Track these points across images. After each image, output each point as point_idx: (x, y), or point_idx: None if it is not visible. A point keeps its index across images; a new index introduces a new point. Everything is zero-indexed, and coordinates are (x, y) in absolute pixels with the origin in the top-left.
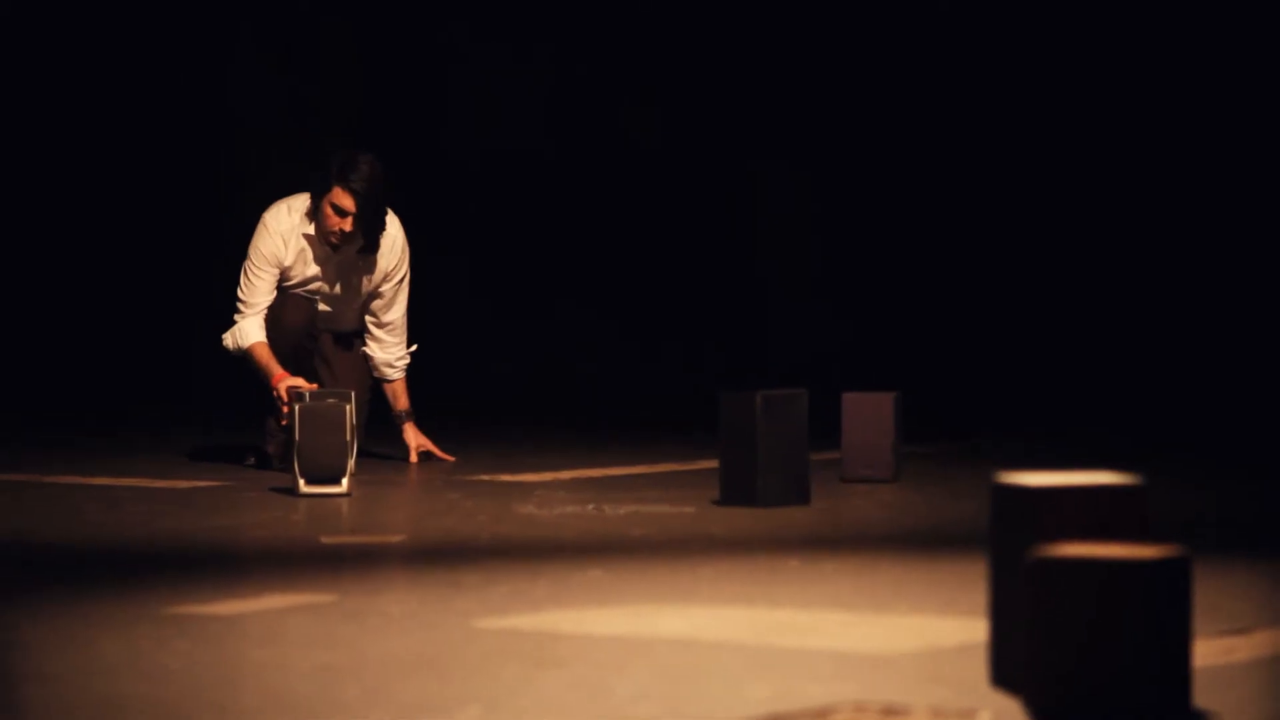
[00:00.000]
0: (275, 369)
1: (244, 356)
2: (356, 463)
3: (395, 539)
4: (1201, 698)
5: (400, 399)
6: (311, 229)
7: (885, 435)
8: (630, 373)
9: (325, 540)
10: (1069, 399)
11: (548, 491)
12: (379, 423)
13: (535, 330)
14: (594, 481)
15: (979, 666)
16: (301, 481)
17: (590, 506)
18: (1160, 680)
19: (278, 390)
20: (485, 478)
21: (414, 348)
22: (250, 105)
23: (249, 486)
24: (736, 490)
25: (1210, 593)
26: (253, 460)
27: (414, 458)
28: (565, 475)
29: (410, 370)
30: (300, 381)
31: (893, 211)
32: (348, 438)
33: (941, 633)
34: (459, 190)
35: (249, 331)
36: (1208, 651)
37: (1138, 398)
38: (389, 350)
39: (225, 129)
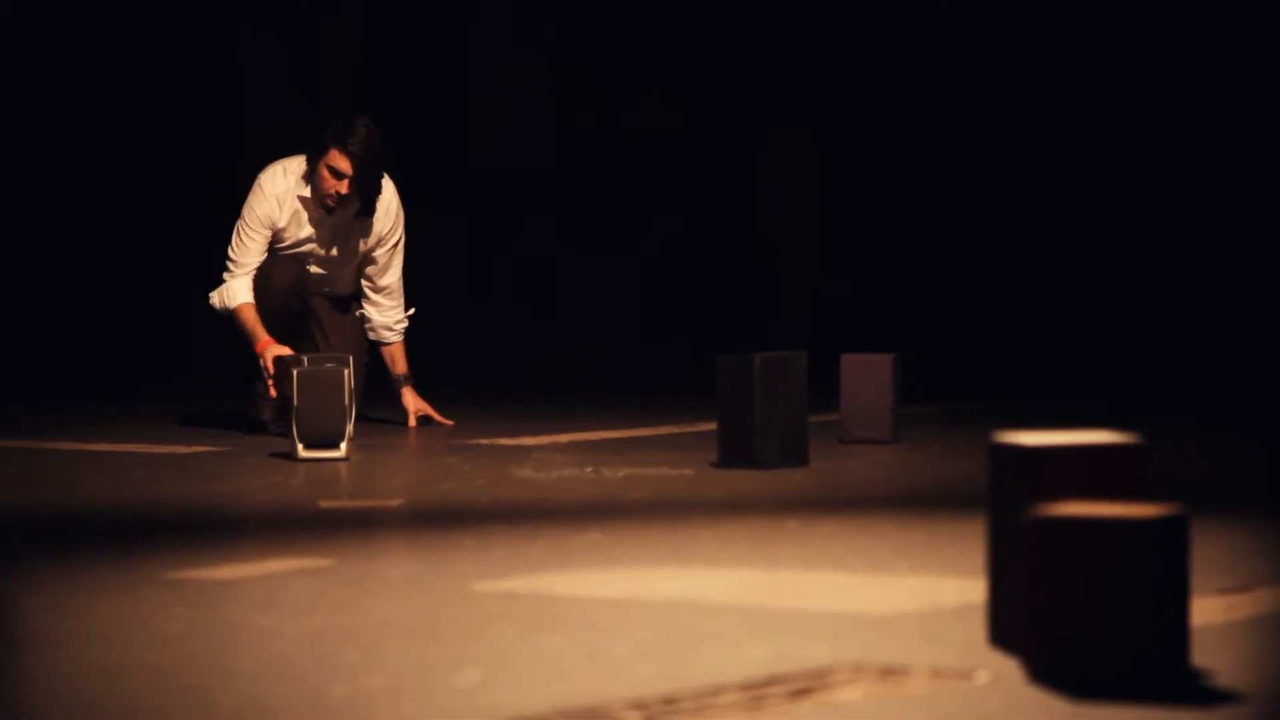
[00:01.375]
0: (260, 334)
1: (230, 317)
2: (355, 427)
3: (393, 503)
4: (1200, 656)
5: (398, 363)
6: (307, 192)
7: (884, 397)
8: (629, 340)
9: (324, 504)
10: (1069, 360)
11: (545, 454)
12: (376, 384)
13: (536, 303)
14: (592, 444)
15: (978, 626)
16: (300, 446)
17: (588, 469)
18: (1159, 639)
19: (263, 359)
20: (483, 441)
21: (411, 311)
22: (255, 98)
23: (248, 452)
24: (735, 452)
25: (1209, 551)
26: (245, 428)
27: (412, 422)
28: (563, 438)
29: (409, 336)
30: (285, 350)
31: (895, 176)
32: (346, 402)
33: (941, 593)
34: (464, 181)
35: (237, 292)
36: (1207, 609)
37: (1137, 358)
38: (386, 314)
39: (230, 118)
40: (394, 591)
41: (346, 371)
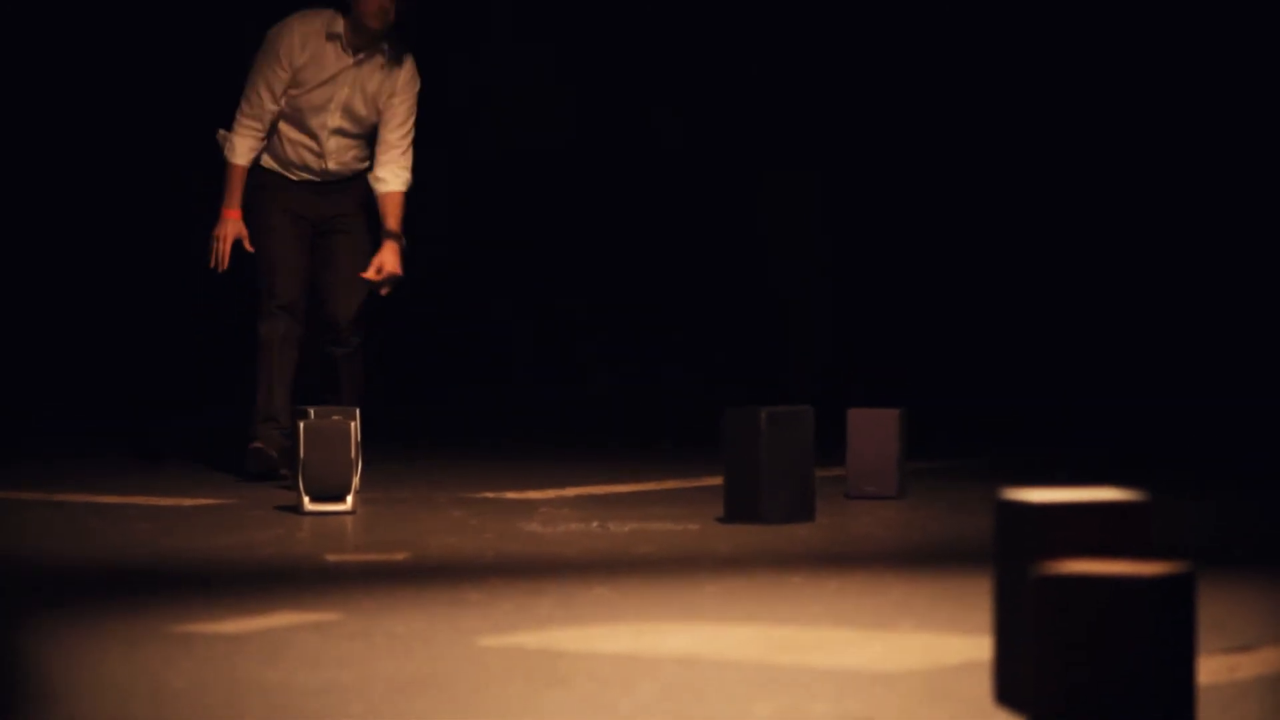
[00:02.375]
0: (233, 199)
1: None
2: (360, 479)
3: (400, 557)
4: (1206, 715)
5: (390, 218)
6: (330, 40)
7: (890, 451)
8: (638, 389)
9: (330, 558)
10: (1075, 416)
11: (552, 509)
12: (381, 453)
13: (551, 340)
14: (598, 499)
15: (983, 684)
16: (306, 499)
17: (594, 524)
18: (1164, 697)
19: (221, 222)
20: (490, 495)
21: (410, 181)
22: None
23: (254, 505)
24: (741, 507)
25: (1215, 610)
26: (252, 473)
27: (371, 273)
28: (569, 492)
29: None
30: (240, 230)
31: (899, 228)
32: (352, 455)
33: (946, 650)
34: (477, 190)
35: (236, 148)
36: (1212, 669)
37: (1143, 414)
38: (389, 164)
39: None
40: (399, 646)
41: (353, 424)
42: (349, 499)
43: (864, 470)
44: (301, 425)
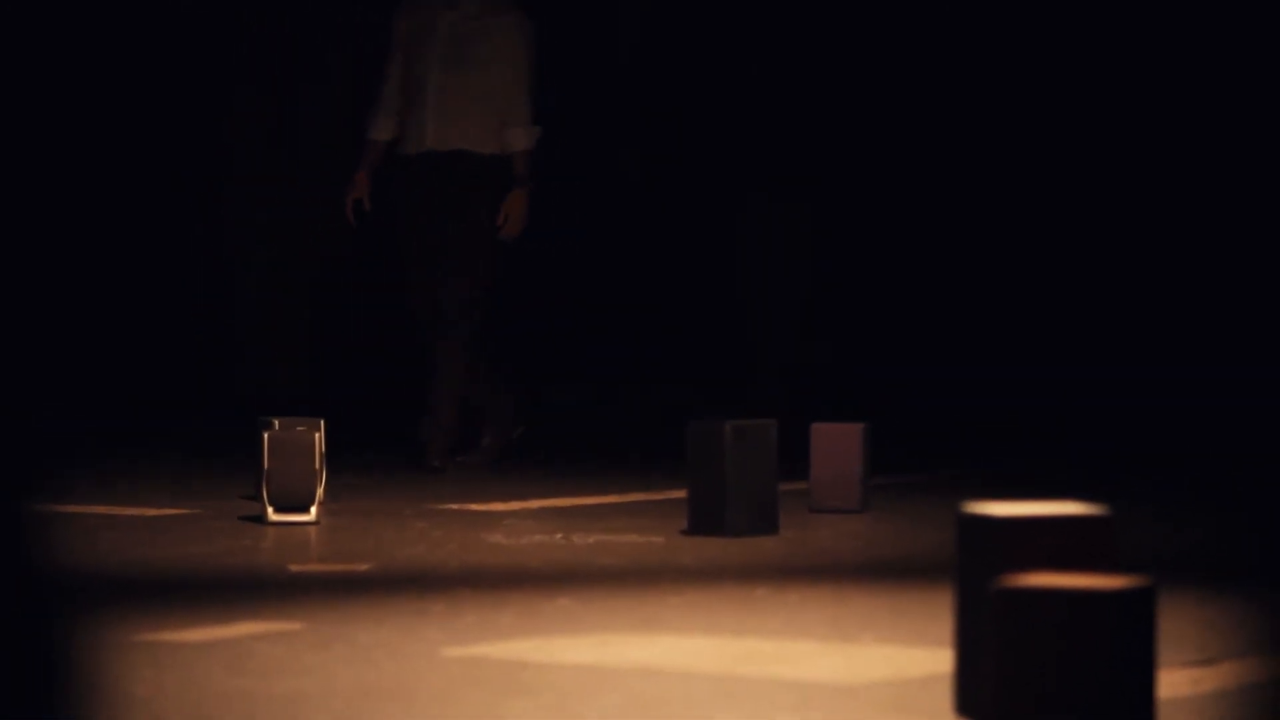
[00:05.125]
0: (359, 176)
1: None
2: (325, 490)
3: (363, 567)
4: None
5: (517, 166)
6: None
7: (854, 466)
8: (602, 402)
9: (294, 568)
10: (1038, 431)
11: (516, 520)
12: (344, 455)
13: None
14: (562, 511)
15: (945, 696)
16: (270, 509)
17: (558, 536)
18: (1125, 711)
19: (353, 182)
20: (454, 506)
21: (538, 130)
22: (244, 116)
23: (218, 515)
24: (705, 520)
25: (1176, 624)
26: (437, 464)
27: (500, 219)
28: (533, 504)
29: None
30: (363, 192)
31: (879, 229)
32: (316, 466)
33: (908, 663)
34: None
35: (374, 125)
36: (1173, 682)
37: (1104, 429)
38: (510, 123)
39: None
40: (363, 656)
41: (317, 435)
42: (313, 509)
43: (827, 484)
44: (265, 435)
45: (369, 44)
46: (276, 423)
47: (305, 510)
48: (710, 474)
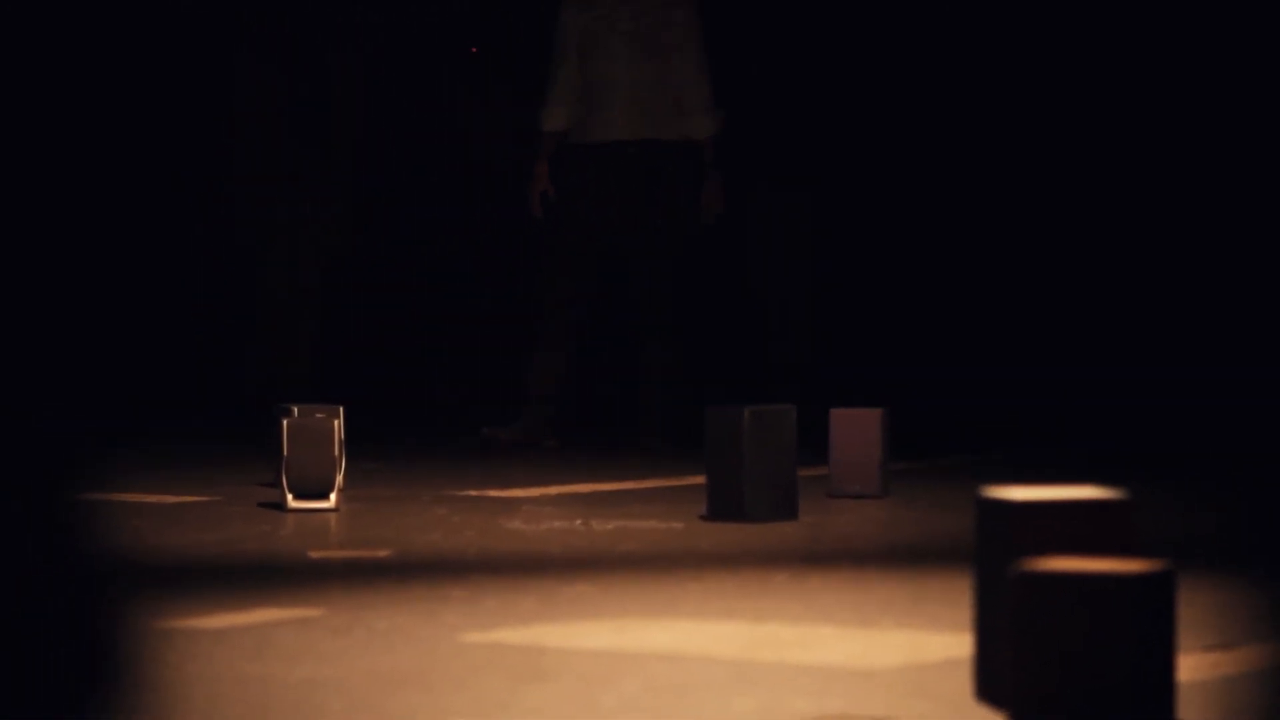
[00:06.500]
0: (541, 168)
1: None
2: (344, 477)
3: (382, 554)
4: (1186, 713)
5: (707, 152)
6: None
7: (873, 451)
8: (619, 389)
9: (313, 555)
10: (1058, 415)
11: (535, 507)
12: (363, 442)
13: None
14: (581, 497)
15: (964, 681)
16: (289, 496)
17: (577, 522)
18: (1144, 695)
19: (537, 175)
20: (472, 493)
21: (722, 115)
22: (252, 108)
23: (237, 501)
24: (724, 505)
25: (1195, 608)
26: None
27: (703, 203)
28: (553, 490)
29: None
30: (545, 185)
31: (883, 227)
32: (335, 453)
33: (927, 647)
34: (463, 195)
35: (550, 117)
36: (1192, 666)
37: (1125, 414)
38: (691, 106)
39: (226, 135)
40: (382, 642)
41: (336, 422)
42: (332, 496)
43: (847, 469)
44: (284, 422)
45: (369, 42)
46: (295, 409)
47: (324, 497)
48: (729, 459)
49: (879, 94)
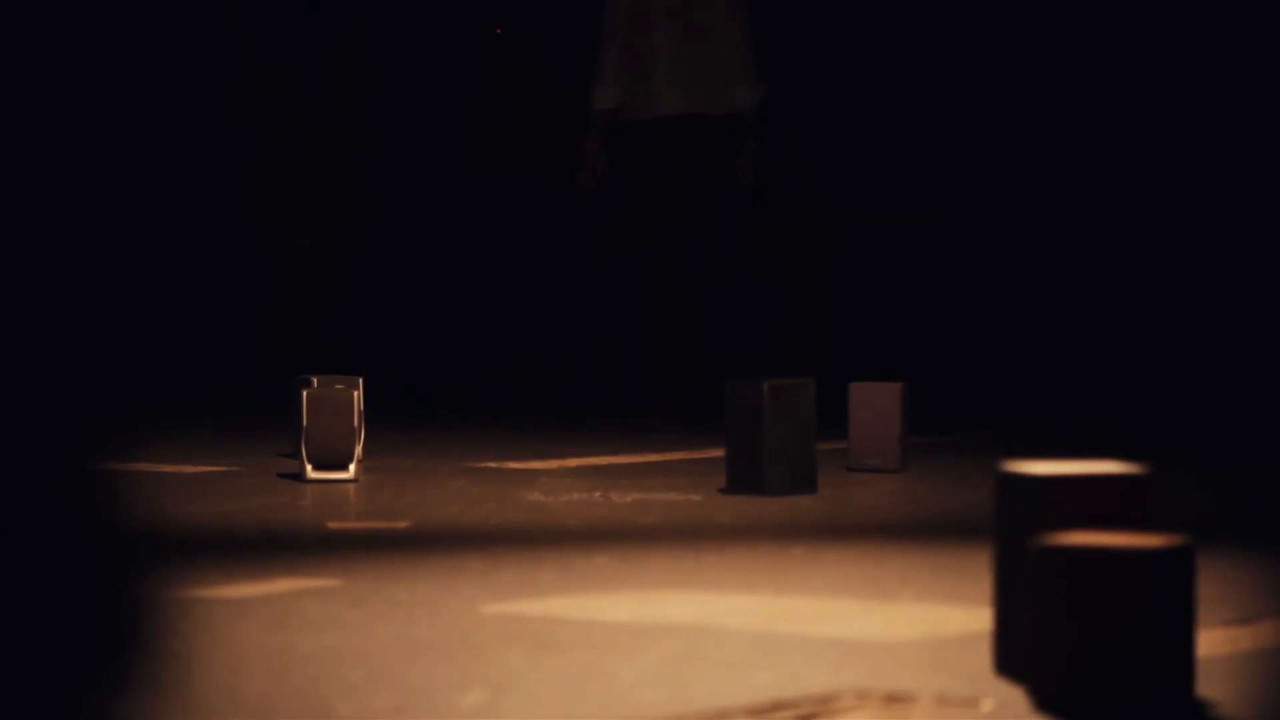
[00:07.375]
0: (593, 144)
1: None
2: (363, 448)
3: (401, 525)
4: (1205, 687)
5: (748, 120)
6: None
7: (892, 425)
8: (639, 362)
9: (332, 526)
10: (1077, 391)
11: (554, 479)
12: (382, 414)
13: (541, 322)
14: (600, 469)
15: (983, 655)
16: (308, 467)
17: (596, 494)
18: (1164, 669)
19: (586, 165)
20: (492, 465)
21: (766, 85)
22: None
23: (257, 471)
24: (743, 478)
25: (1214, 583)
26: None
27: (739, 173)
28: (572, 463)
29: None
30: (597, 147)
31: (904, 203)
32: (355, 424)
33: (946, 621)
34: (473, 177)
35: (600, 94)
36: (1212, 641)
37: (1145, 390)
38: (735, 80)
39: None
40: (401, 612)
41: (355, 393)
42: (352, 467)
43: (866, 443)
44: (304, 394)
45: (386, 10)
46: (315, 380)
47: (344, 468)
48: (748, 432)
49: (909, 77)
